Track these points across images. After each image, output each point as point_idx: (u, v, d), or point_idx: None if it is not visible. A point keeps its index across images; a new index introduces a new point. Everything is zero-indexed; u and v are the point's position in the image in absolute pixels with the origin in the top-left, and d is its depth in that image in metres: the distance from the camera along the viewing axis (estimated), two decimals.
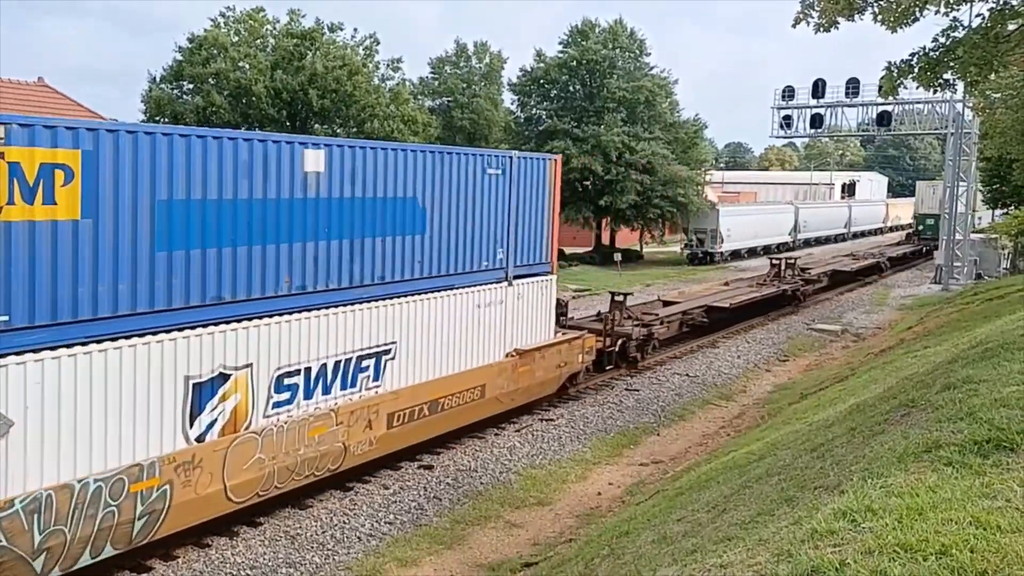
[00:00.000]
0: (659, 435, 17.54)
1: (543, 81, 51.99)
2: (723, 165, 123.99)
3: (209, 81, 40.09)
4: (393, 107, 41.43)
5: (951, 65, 13.37)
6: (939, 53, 13.29)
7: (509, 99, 56.58)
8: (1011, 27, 13.07)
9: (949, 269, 40.86)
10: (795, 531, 4.85)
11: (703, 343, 26.42)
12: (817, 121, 43.50)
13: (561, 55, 51.93)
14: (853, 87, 41.93)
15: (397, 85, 45.03)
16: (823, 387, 18.46)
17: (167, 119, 41.20)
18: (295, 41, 41.08)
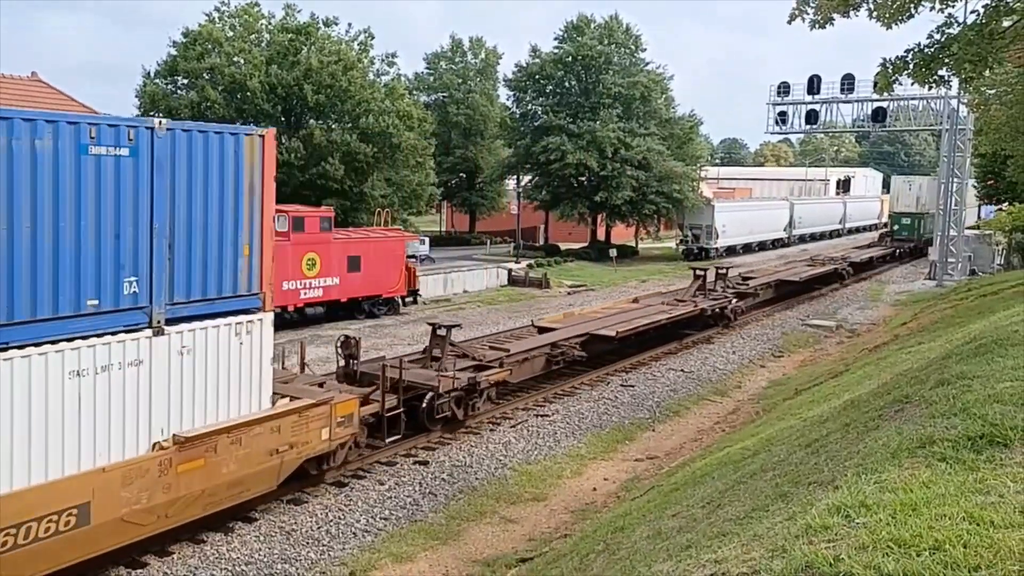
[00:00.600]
0: (654, 431, 17.59)
1: (538, 77, 51.93)
2: (718, 161, 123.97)
3: (204, 76, 39.91)
4: (388, 102, 41.27)
5: (946, 61, 13.42)
6: (934, 50, 13.33)
7: (505, 95, 56.61)
8: (1006, 24, 13.11)
9: (944, 265, 41.03)
10: (789, 527, 4.86)
11: (698, 339, 26.48)
12: (812, 117, 43.63)
13: (557, 51, 51.88)
14: (848, 83, 42.06)
15: (392, 80, 44.91)
16: (818, 383, 18.51)
17: (162, 114, 41.02)
18: (290, 36, 40.90)
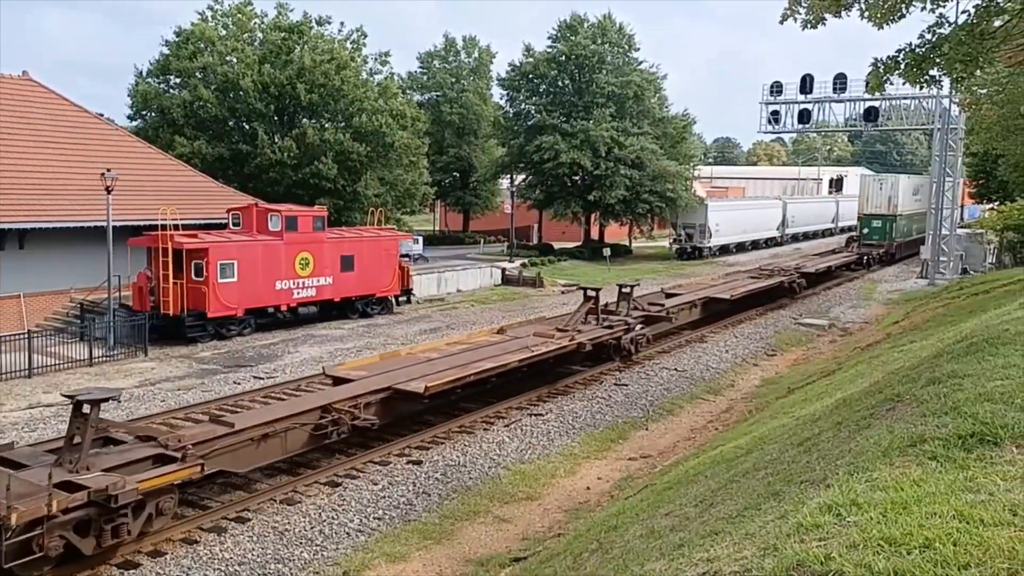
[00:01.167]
0: (648, 430, 17.61)
1: (532, 76, 51.93)
2: (712, 160, 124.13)
3: (196, 75, 39.79)
4: (381, 101, 41.21)
5: (937, 61, 13.46)
6: (925, 50, 13.37)
7: (498, 94, 56.59)
8: (996, 23, 13.16)
9: (935, 264, 41.22)
10: (781, 525, 4.88)
11: (691, 338, 26.52)
12: (805, 116, 43.76)
13: (550, 50, 51.88)
14: (840, 83, 42.19)
15: (385, 79, 44.83)
16: (810, 381, 18.56)
17: (154, 113, 40.85)
18: (283, 35, 40.80)
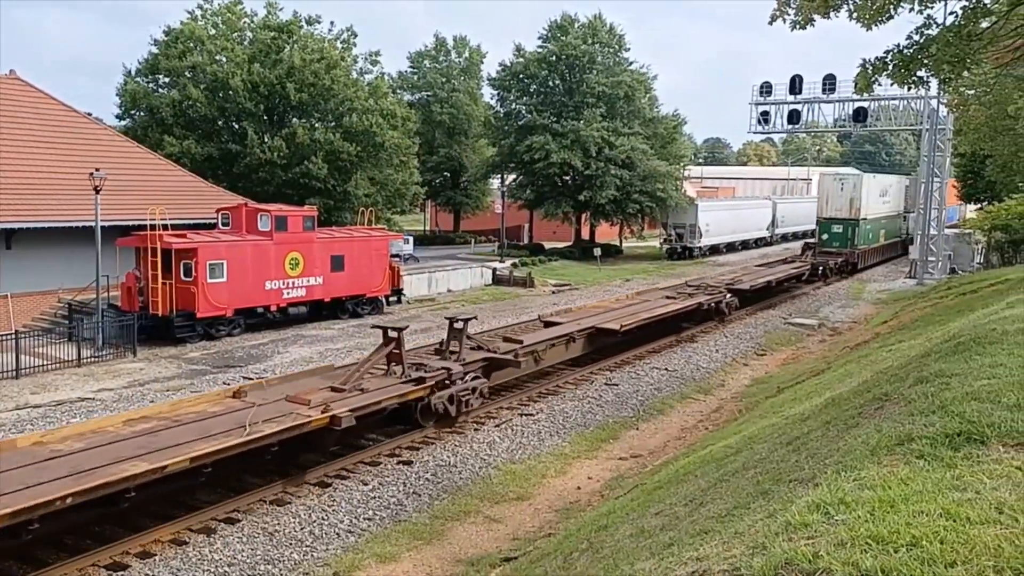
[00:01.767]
0: (638, 429, 17.64)
1: (522, 76, 51.94)
2: (702, 160, 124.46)
3: (185, 74, 39.61)
4: (372, 101, 41.12)
5: (925, 62, 13.54)
6: (913, 51, 13.45)
7: (489, 94, 56.57)
8: (984, 24, 13.25)
9: (924, 264, 41.45)
10: (770, 524, 4.89)
11: (681, 338, 26.58)
12: (794, 117, 43.93)
13: (540, 50, 51.90)
14: (830, 83, 42.38)
15: (376, 79, 44.75)
16: (800, 381, 18.63)
17: (143, 113, 40.63)
18: (272, 34, 40.65)
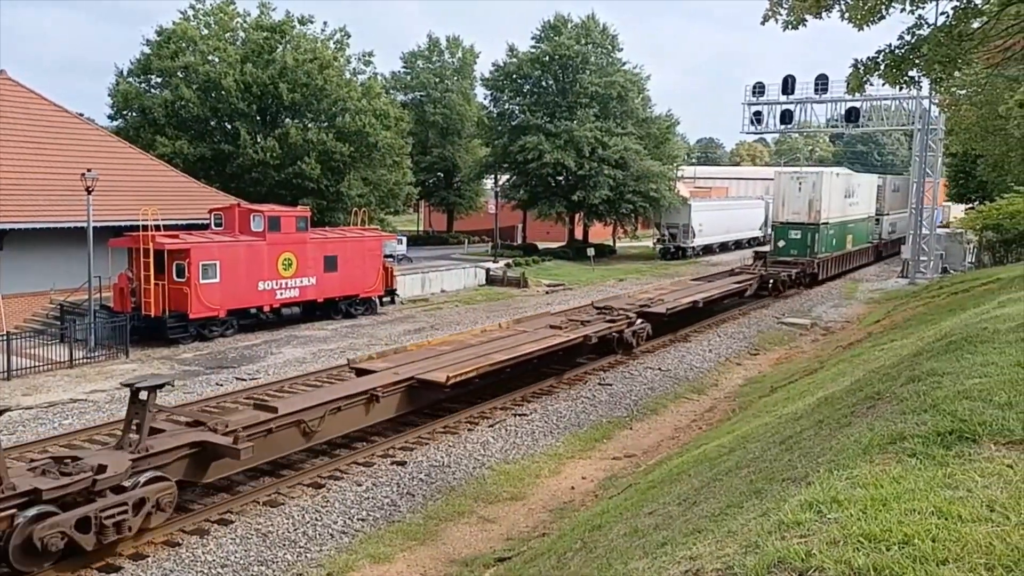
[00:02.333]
0: (632, 429, 17.66)
1: (515, 76, 51.93)
2: (695, 160, 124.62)
3: (178, 74, 39.48)
4: (365, 101, 41.05)
5: (916, 62, 13.60)
6: (904, 51, 13.51)
7: (482, 94, 56.54)
8: (975, 25, 13.31)
9: (916, 263, 41.61)
10: (763, 523, 4.91)
11: (675, 338, 26.62)
12: (787, 117, 44.08)
13: (534, 50, 51.92)
14: (822, 84, 42.54)
15: (369, 79, 44.69)
16: (793, 380, 18.67)
17: (135, 113, 40.49)
18: (265, 34, 40.55)
